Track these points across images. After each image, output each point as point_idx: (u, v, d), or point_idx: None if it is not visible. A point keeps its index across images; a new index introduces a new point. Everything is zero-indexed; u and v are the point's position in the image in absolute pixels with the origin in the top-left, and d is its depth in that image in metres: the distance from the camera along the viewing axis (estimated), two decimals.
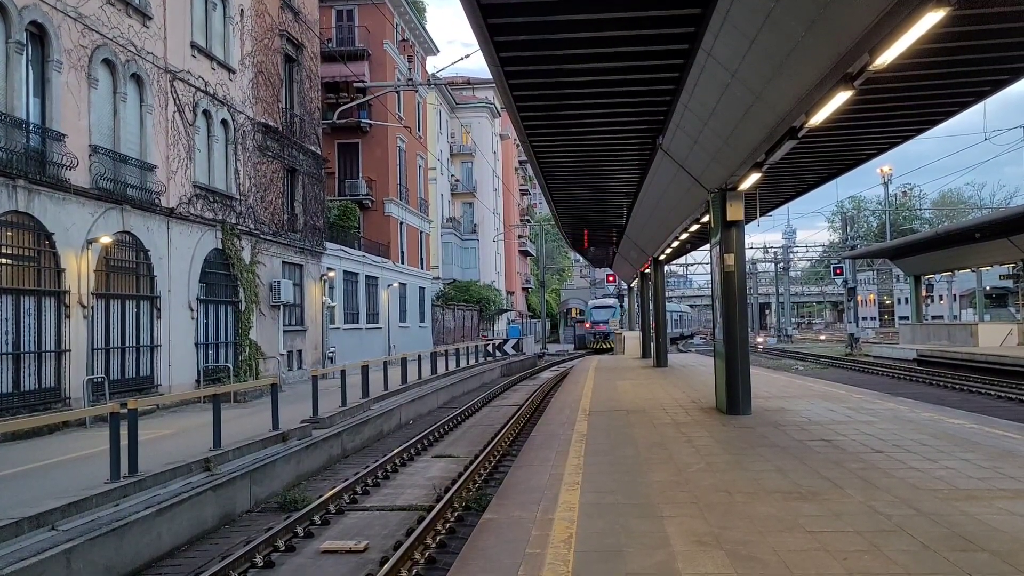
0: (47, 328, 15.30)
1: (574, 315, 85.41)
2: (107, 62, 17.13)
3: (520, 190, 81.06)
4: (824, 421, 11.90)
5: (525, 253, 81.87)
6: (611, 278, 57.12)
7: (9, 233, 14.55)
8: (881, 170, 54.73)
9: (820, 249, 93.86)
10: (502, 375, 36.54)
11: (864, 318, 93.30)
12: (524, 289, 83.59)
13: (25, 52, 14.89)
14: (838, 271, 55.26)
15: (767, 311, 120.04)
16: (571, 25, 9.42)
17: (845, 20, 6.26)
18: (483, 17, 8.70)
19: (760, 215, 20.01)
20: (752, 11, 7.48)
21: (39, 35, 15.27)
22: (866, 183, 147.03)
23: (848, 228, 60.75)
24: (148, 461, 10.55)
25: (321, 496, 11.16)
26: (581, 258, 67.77)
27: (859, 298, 69.51)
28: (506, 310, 66.32)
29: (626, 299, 52.99)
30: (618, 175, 18.83)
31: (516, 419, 19.02)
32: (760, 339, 72.97)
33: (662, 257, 25.53)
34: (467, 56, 34.55)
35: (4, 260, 14.45)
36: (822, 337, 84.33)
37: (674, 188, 15.87)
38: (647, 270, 30.00)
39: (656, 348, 26.97)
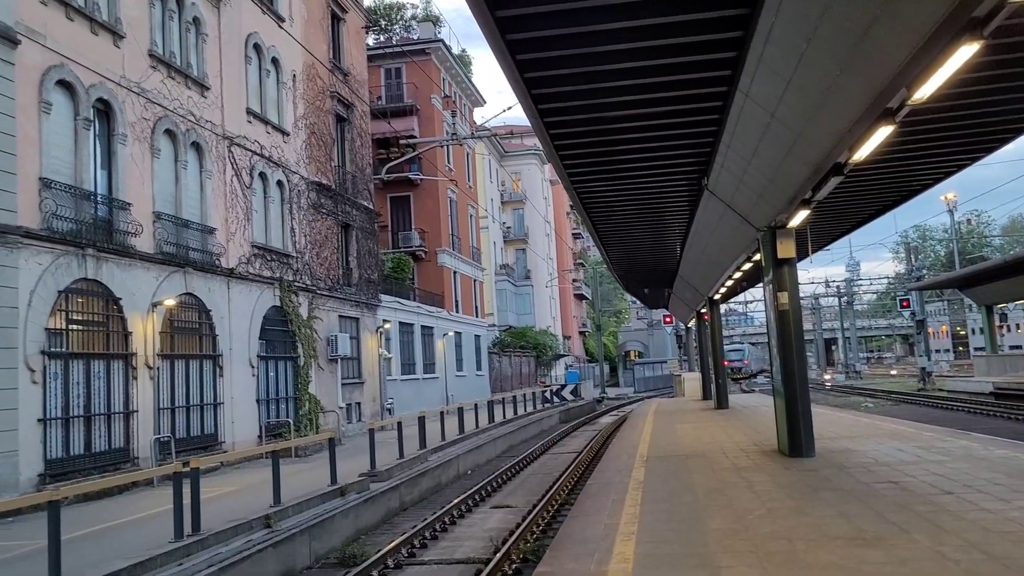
0: (116, 390, 15.83)
1: (633, 357, 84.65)
2: (168, 132, 17.90)
3: (572, 234, 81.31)
4: (892, 462, 11.51)
5: (580, 297, 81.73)
6: (668, 319, 56.60)
7: (80, 300, 15.18)
8: (945, 197, 53.42)
9: (886, 281, 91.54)
10: (561, 421, 36.27)
11: (937, 350, 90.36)
12: (581, 333, 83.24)
13: (92, 127, 15.68)
14: (904, 303, 53.79)
15: (833, 347, 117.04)
16: (608, 75, 9.57)
17: (879, 57, 6.24)
18: (519, 72, 8.90)
19: (813, 251, 19.69)
20: (785, 52, 7.50)
21: (105, 111, 16.08)
22: (931, 211, 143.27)
23: (913, 258, 59.28)
24: (211, 519, 10.73)
25: (380, 550, 11.17)
26: (638, 300, 67.40)
27: (930, 330, 67.37)
28: (563, 355, 66.09)
29: (684, 339, 52.36)
30: (666, 217, 18.80)
31: (575, 466, 18.84)
32: (827, 376, 71.10)
33: (717, 296, 25.25)
34: (510, 107, 35.31)
35: (75, 326, 15.06)
36: (893, 372, 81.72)
37: (723, 228, 15.76)
38: (703, 310, 29.67)
39: (716, 389, 26.53)
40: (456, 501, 14.81)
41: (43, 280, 14.02)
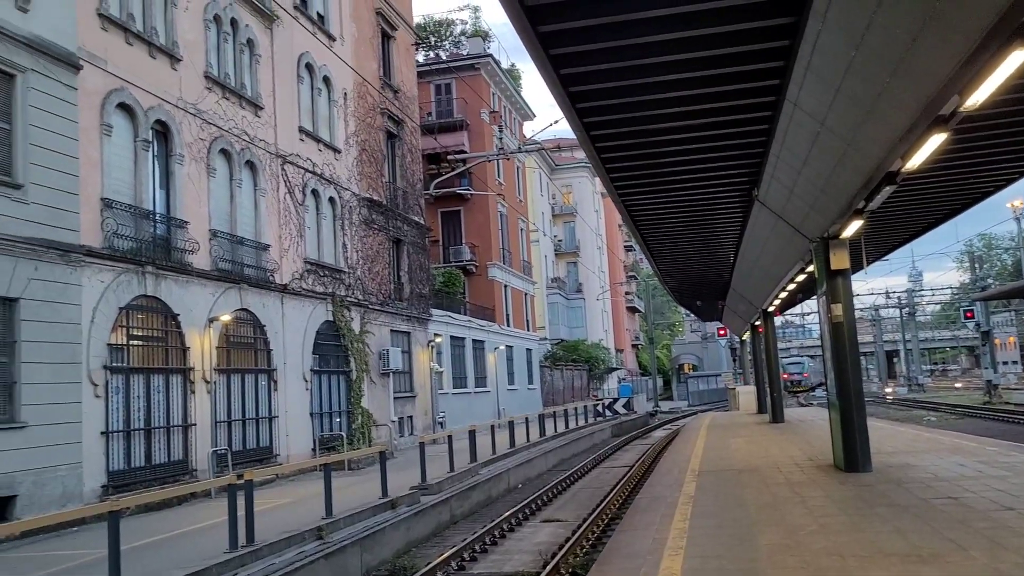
0: (175, 404, 16.24)
1: (687, 371, 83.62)
2: (224, 152, 18.38)
3: (624, 246, 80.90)
4: (951, 477, 11.18)
5: (633, 310, 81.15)
6: (722, 331, 55.81)
7: (140, 316, 15.64)
8: (1012, 204, 51.68)
9: (949, 291, 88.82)
10: (613, 435, 35.99)
11: (1004, 362, 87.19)
12: (634, 346, 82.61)
13: (151, 148, 16.20)
14: (969, 314, 52.20)
15: (895, 359, 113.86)
16: (654, 87, 9.54)
17: (928, 64, 6.11)
18: (563, 86, 8.93)
19: (869, 263, 19.26)
20: (833, 60, 7.40)
21: (163, 132, 16.59)
22: (996, 218, 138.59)
23: (978, 268, 57.51)
24: (265, 530, 10.92)
25: (430, 563, 11.22)
26: (691, 312, 66.66)
27: (996, 341, 65.11)
28: (615, 368, 65.63)
29: (739, 352, 51.63)
30: (717, 228, 18.62)
31: (626, 480, 18.68)
32: (889, 389, 69.24)
33: (771, 308, 24.84)
34: (557, 121, 35.40)
35: (136, 341, 15.51)
36: (958, 385, 79.09)
37: (775, 239, 15.55)
38: (757, 322, 29.23)
39: (771, 402, 26.10)
40: (506, 515, 14.80)
41: (105, 297, 14.49)
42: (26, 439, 12.64)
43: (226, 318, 17.57)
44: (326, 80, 23.49)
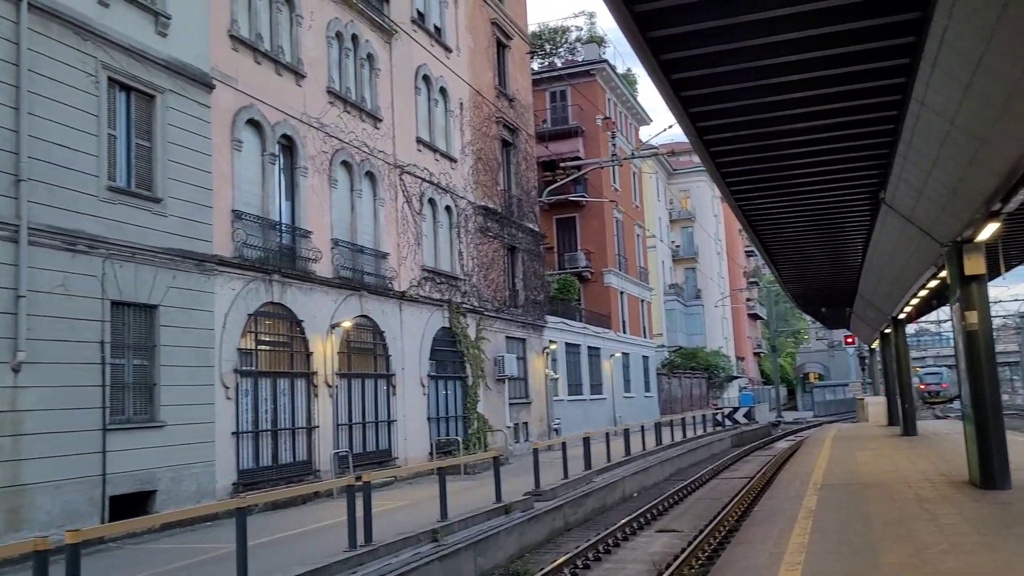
0: (299, 406, 16.93)
1: (812, 379, 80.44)
2: (345, 163, 19.08)
3: (745, 251, 78.73)
4: None
5: (754, 316, 78.85)
6: (849, 339, 53.57)
7: (267, 322, 16.42)
8: None
9: None
10: (732, 445, 35.08)
11: None
12: (756, 354, 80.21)
13: (277, 162, 16.99)
14: None
15: None
16: (770, 89, 9.31)
17: None
18: (674, 91, 8.83)
19: (1008, 267, 18.03)
20: (962, 56, 7.01)
21: (288, 146, 17.38)
22: None
23: None
24: (382, 531, 11.23)
25: (542, 569, 11.27)
26: (815, 319, 64.15)
27: None
28: (736, 377, 63.92)
29: (868, 361, 49.36)
30: (841, 233, 17.90)
31: (745, 492, 18.18)
32: None
33: (902, 316, 23.65)
34: (671, 126, 34.71)
35: (263, 347, 16.29)
36: None
37: (903, 243, 14.81)
38: (887, 330, 27.87)
39: (903, 414, 24.84)
40: (621, 523, 14.69)
41: (235, 304, 15.29)
42: (165, 438, 13.50)
43: (347, 324, 18.20)
44: (442, 91, 24.01)
